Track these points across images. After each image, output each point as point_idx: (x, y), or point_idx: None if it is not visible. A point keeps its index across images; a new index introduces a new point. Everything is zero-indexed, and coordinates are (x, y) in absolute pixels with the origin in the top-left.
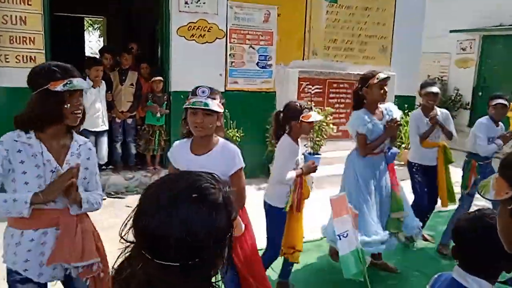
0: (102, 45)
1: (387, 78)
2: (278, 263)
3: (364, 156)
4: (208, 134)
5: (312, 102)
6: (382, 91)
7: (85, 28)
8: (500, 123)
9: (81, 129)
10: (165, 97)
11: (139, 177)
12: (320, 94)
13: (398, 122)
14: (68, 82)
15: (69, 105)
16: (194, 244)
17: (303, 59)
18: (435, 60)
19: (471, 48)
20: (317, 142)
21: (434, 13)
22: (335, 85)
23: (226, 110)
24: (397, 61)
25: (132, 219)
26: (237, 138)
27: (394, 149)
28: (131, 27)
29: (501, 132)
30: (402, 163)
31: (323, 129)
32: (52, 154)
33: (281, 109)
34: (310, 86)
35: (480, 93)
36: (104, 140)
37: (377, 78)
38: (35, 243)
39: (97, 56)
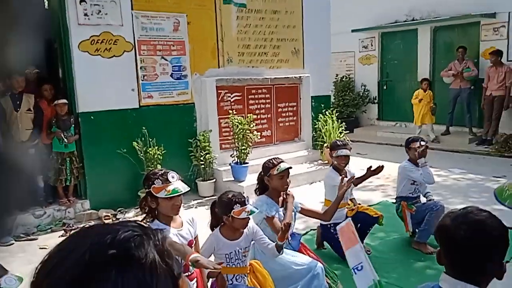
0: None
1: (289, 168)
2: None
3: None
4: None
5: (234, 111)
6: (283, 181)
7: None
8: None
9: None
10: (71, 120)
11: (52, 212)
12: (239, 102)
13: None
14: None
15: None
16: None
17: (218, 67)
18: (341, 59)
19: (372, 45)
20: (243, 151)
21: (336, 14)
22: (253, 91)
23: (144, 128)
24: (309, 63)
25: None
26: (159, 156)
27: (296, 235)
28: (23, 46)
29: (422, 180)
30: (326, 162)
31: (248, 137)
32: None
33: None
34: (229, 94)
35: (384, 87)
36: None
37: (277, 169)
38: None
39: None
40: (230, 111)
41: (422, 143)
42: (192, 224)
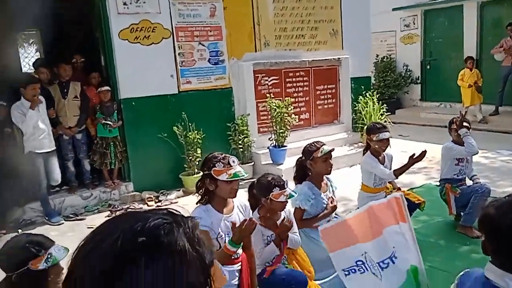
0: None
1: (332, 150)
2: None
3: (301, 228)
4: None
5: (271, 94)
6: (327, 163)
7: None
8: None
9: (27, 151)
10: (114, 106)
11: (98, 194)
12: (277, 85)
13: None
14: (49, 257)
15: (52, 276)
16: None
17: (255, 51)
18: (381, 39)
19: (414, 24)
20: (281, 134)
21: None
22: (291, 74)
23: (183, 113)
24: (348, 44)
25: None
26: (199, 140)
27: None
28: (69, 36)
29: (465, 151)
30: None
31: (285, 120)
32: None
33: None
34: (266, 78)
35: (428, 67)
36: (55, 160)
37: (321, 152)
38: None
39: (32, 72)
40: (268, 95)
41: (455, 118)
42: (244, 211)
